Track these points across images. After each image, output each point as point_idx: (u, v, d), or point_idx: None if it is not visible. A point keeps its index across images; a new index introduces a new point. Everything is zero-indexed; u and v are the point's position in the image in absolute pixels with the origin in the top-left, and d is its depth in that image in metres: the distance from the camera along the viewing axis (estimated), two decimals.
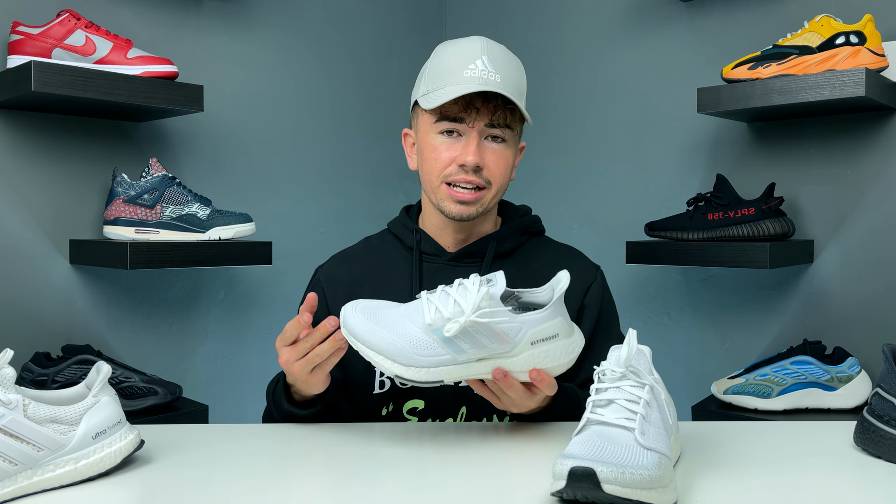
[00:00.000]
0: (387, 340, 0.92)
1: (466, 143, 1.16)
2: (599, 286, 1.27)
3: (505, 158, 1.19)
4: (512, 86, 1.16)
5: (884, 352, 0.95)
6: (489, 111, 1.15)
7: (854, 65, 1.55)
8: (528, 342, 0.94)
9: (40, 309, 1.67)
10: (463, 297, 0.92)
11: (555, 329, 0.96)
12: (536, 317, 0.94)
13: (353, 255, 1.32)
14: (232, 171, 1.98)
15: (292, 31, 2.11)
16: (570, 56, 2.22)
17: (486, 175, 1.18)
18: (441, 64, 1.18)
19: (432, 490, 0.85)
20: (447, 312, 0.91)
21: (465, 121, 1.16)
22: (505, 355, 0.94)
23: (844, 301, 1.75)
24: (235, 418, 1.97)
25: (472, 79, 1.14)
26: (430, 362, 0.92)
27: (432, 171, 1.19)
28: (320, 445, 1.01)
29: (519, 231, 1.28)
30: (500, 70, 1.16)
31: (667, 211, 1.93)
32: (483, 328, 0.91)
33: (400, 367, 0.92)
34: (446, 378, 0.93)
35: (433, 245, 1.26)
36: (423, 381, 0.92)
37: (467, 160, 1.15)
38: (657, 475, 0.75)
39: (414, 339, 0.92)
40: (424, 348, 0.92)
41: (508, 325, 0.93)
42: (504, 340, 0.93)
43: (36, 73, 1.43)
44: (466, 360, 0.93)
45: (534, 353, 0.95)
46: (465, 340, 0.92)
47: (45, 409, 0.83)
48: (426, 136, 1.20)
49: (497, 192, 1.21)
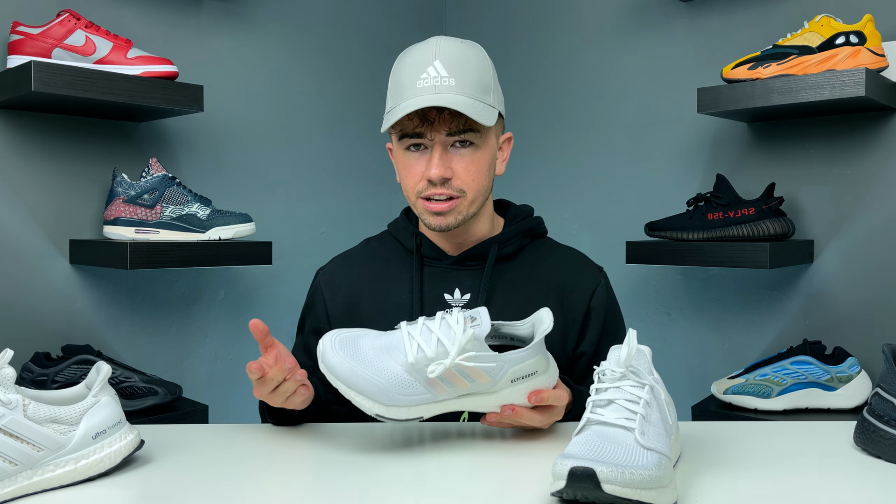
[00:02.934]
0: (367, 380, 0.91)
1: (430, 157, 1.14)
2: (604, 289, 1.27)
3: (476, 163, 1.15)
4: (469, 86, 1.12)
5: (884, 352, 0.95)
6: (445, 121, 1.12)
7: (854, 65, 1.55)
8: (508, 380, 0.94)
9: (40, 309, 1.67)
10: (447, 337, 0.91)
11: (534, 367, 0.96)
12: (518, 356, 0.94)
13: (353, 258, 1.31)
14: (232, 171, 1.98)
15: (292, 31, 2.11)
16: (570, 56, 2.22)
17: (457, 184, 1.15)
18: (397, 76, 1.16)
19: (432, 490, 0.85)
20: (430, 352, 0.90)
21: (425, 135, 1.13)
22: (485, 392, 0.94)
23: (844, 301, 1.75)
24: (235, 418, 1.97)
25: (423, 89, 1.10)
26: (410, 401, 0.91)
27: (407, 188, 1.19)
28: (321, 446, 1.01)
29: (521, 234, 1.26)
30: (455, 72, 1.11)
31: (667, 211, 1.93)
32: (467, 370, 0.91)
33: (381, 408, 0.91)
34: (426, 414, 0.93)
35: (434, 249, 1.24)
36: (403, 418, 0.92)
37: (431, 174, 1.13)
38: (657, 475, 0.75)
39: (395, 378, 0.91)
40: (405, 387, 0.91)
41: (491, 366, 0.93)
42: (485, 379, 0.93)
43: (36, 73, 1.43)
44: (447, 397, 0.93)
45: (513, 390, 0.95)
46: (447, 380, 0.92)
47: (45, 409, 0.83)
48: (397, 153, 1.19)
49: (475, 198, 1.17)
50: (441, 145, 1.13)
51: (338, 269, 1.31)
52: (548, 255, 1.28)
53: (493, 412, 0.97)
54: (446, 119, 1.12)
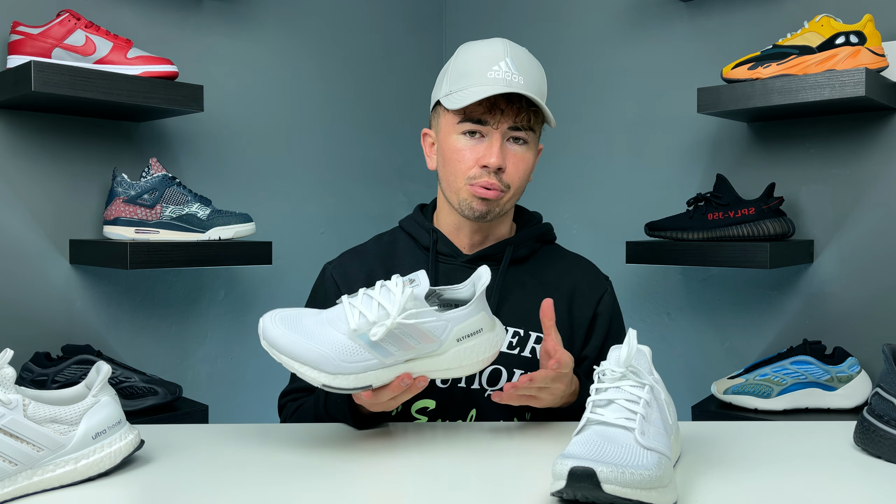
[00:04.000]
0: (310, 349, 0.90)
1: (489, 145, 1.16)
2: (610, 297, 1.29)
3: (525, 161, 1.19)
4: (534, 88, 1.16)
5: (884, 352, 0.95)
6: (513, 113, 1.15)
7: (854, 65, 1.55)
8: (453, 339, 0.94)
9: (40, 309, 1.67)
10: (387, 300, 0.91)
11: (479, 324, 0.96)
12: (460, 314, 0.94)
13: (366, 253, 1.31)
14: (232, 171, 1.98)
15: (292, 31, 2.11)
16: (570, 56, 2.22)
17: (506, 179, 1.17)
18: (464, 64, 1.18)
19: (431, 490, 0.85)
20: (372, 316, 0.90)
21: (489, 122, 1.15)
22: (432, 354, 0.94)
23: (844, 301, 1.75)
24: (235, 418, 1.97)
25: (496, 80, 1.14)
26: (356, 368, 0.91)
27: (456, 173, 1.19)
28: (321, 445, 1.01)
29: (534, 238, 1.29)
30: (524, 72, 1.16)
31: (667, 211, 1.93)
32: (409, 329, 0.91)
33: (326, 377, 0.90)
34: (375, 382, 0.92)
35: (449, 246, 1.25)
36: (351, 387, 0.91)
37: (490, 161, 1.15)
38: (657, 475, 0.75)
39: (338, 345, 0.90)
40: (350, 354, 0.90)
41: (434, 325, 0.92)
42: (430, 339, 0.93)
43: (36, 73, 1.43)
44: (394, 362, 0.93)
45: (459, 350, 0.95)
46: (392, 343, 0.91)
47: (45, 409, 0.83)
48: (448, 138, 1.19)
49: (514, 195, 1.21)
50: (501, 136, 1.16)
51: (351, 263, 1.29)
52: (558, 261, 1.30)
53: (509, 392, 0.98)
54: (514, 111, 1.15)
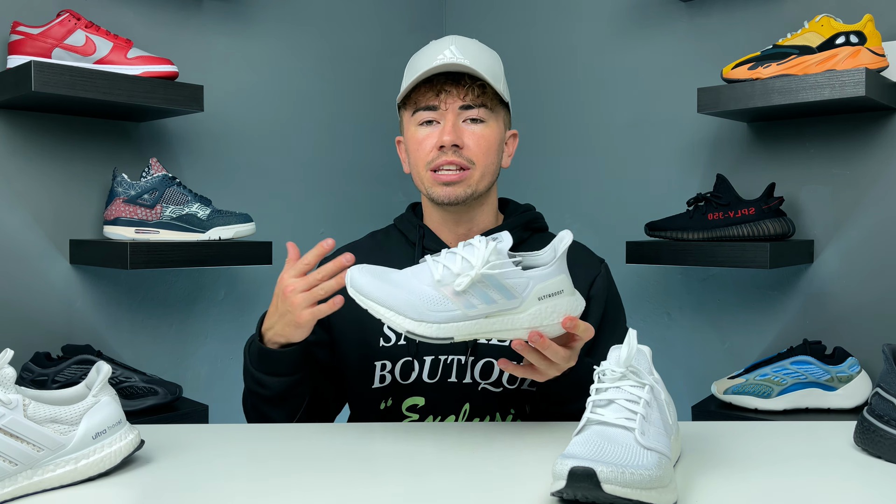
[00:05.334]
0: (396, 296, 0.92)
1: (443, 126, 1.19)
2: (604, 279, 1.28)
3: (486, 138, 1.20)
4: (483, 68, 1.18)
5: (884, 352, 0.95)
6: (460, 91, 1.18)
7: (854, 65, 1.55)
8: (535, 297, 0.94)
9: (40, 309, 1.67)
10: (471, 254, 0.93)
11: (560, 285, 0.96)
12: (542, 272, 0.95)
13: (358, 249, 1.32)
14: (232, 171, 1.98)
15: (292, 31, 2.11)
16: (570, 56, 2.22)
17: (468, 154, 1.19)
18: (413, 64, 1.24)
19: (432, 490, 0.85)
20: (456, 268, 0.92)
21: (439, 106, 1.19)
22: (513, 311, 0.94)
23: (844, 301, 1.75)
24: (235, 418, 1.97)
25: (440, 64, 1.17)
26: (440, 318, 0.91)
27: (418, 162, 1.22)
28: (320, 445, 1.01)
29: (521, 226, 1.28)
30: (469, 56, 1.18)
31: (667, 211, 1.93)
32: (493, 281, 0.92)
33: (411, 322, 0.91)
34: (456, 335, 0.92)
35: (435, 240, 1.26)
36: (434, 336, 0.92)
37: (444, 140, 1.17)
38: (657, 475, 0.75)
39: (424, 294, 0.92)
40: (435, 303, 0.91)
41: (517, 280, 0.93)
42: (513, 295, 0.93)
43: (36, 73, 1.43)
44: (476, 315, 0.93)
45: (541, 308, 0.95)
46: (475, 295, 0.92)
47: (45, 409, 0.83)
48: (409, 131, 1.23)
49: (484, 173, 1.21)
50: (454, 115, 1.19)
51: None
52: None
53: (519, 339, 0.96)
54: (461, 90, 1.18)
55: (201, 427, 1.12)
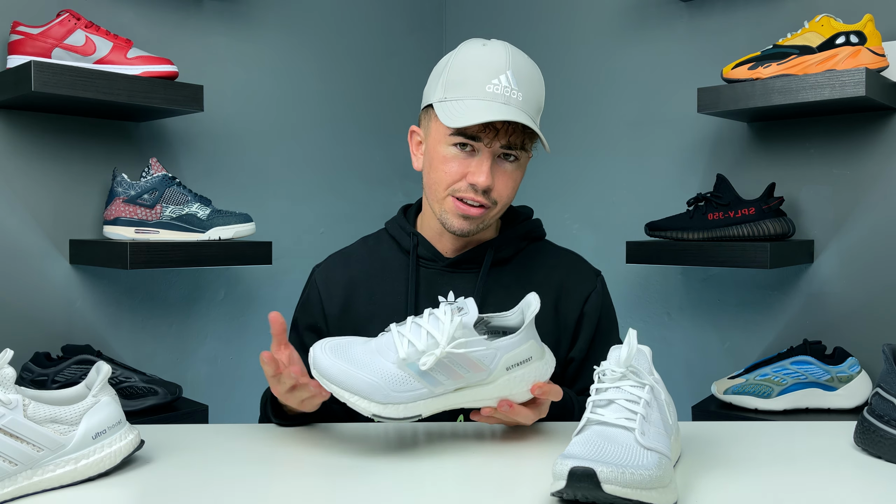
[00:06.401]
0: (360, 379, 0.90)
1: (480, 163, 1.12)
2: (598, 295, 1.25)
3: (514, 179, 1.17)
4: (533, 105, 1.13)
5: (884, 352, 0.95)
6: (507, 133, 1.12)
7: (854, 65, 1.55)
8: (503, 368, 0.94)
9: (40, 309, 1.67)
10: (436, 328, 0.91)
11: (528, 352, 0.96)
12: (510, 342, 0.94)
13: (350, 256, 1.31)
14: (232, 171, 1.98)
15: (292, 31, 2.11)
16: (570, 56, 2.22)
17: (494, 196, 1.15)
18: (462, 71, 1.13)
19: (432, 490, 0.85)
20: (421, 345, 0.90)
21: (482, 140, 1.12)
22: (481, 383, 0.94)
23: (844, 301, 1.75)
24: (235, 418, 1.97)
25: (493, 95, 1.10)
26: (406, 398, 0.91)
27: (440, 182, 1.15)
28: (320, 446, 1.01)
29: (518, 237, 1.26)
30: (524, 87, 1.12)
31: (667, 211, 1.93)
32: (459, 358, 0.91)
33: (377, 406, 0.90)
34: (424, 412, 0.92)
35: (430, 250, 1.24)
36: (401, 416, 0.91)
37: (479, 181, 1.11)
38: (657, 475, 0.75)
39: (388, 375, 0.90)
40: (400, 384, 0.90)
41: (483, 353, 0.92)
42: (480, 368, 0.92)
43: (36, 73, 1.43)
44: (444, 391, 0.93)
45: (509, 378, 0.95)
46: (441, 372, 0.91)
47: (45, 409, 0.83)
48: (437, 145, 1.15)
49: (500, 210, 1.18)
50: (492, 155, 1.13)
51: (335, 266, 1.30)
52: (545, 259, 1.27)
53: (488, 407, 0.96)
54: (508, 132, 1.11)
55: (201, 427, 1.12)
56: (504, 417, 0.98)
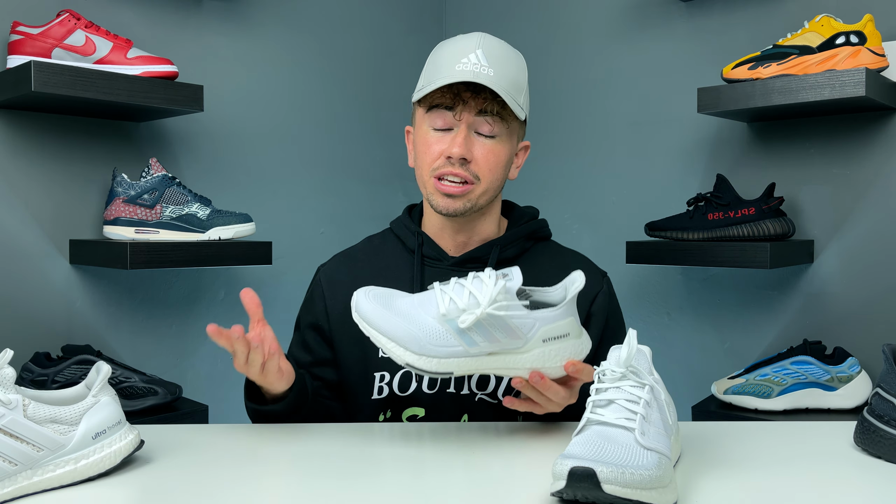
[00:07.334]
0: (400, 327, 0.91)
1: (454, 136, 1.16)
2: (606, 295, 1.26)
3: (496, 154, 1.17)
4: (506, 80, 1.14)
5: (884, 352, 0.95)
6: (478, 103, 1.14)
7: (854, 65, 1.55)
8: (539, 339, 0.94)
9: (40, 309, 1.67)
10: (479, 290, 0.91)
11: (566, 328, 0.95)
12: (550, 314, 0.94)
13: (355, 256, 1.31)
14: (232, 171, 1.98)
15: (292, 31, 2.11)
16: (570, 56, 2.22)
17: (475, 169, 1.16)
18: (436, 60, 1.18)
19: (432, 490, 0.85)
20: (462, 304, 0.91)
21: (454, 108, 1.15)
22: (516, 351, 0.94)
23: (844, 301, 1.75)
24: (235, 418, 1.97)
25: (462, 72, 1.13)
26: (441, 353, 0.91)
27: (423, 165, 1.19)
28: (320, 445, 1.01)
29: (524, 237, 1.26)
30: (495, 64, 1.14)
31: (667, 211, 1.93)
32: (498, 322, 0.91)
33: (412, 356, 0.91)
34: (456, 370, 0.92)
35: (435, 249, 1.24)
36: (433, 370, 0.91)
37: (453, 151, 1.14)
38: (657, 475, 0.75)
39: (427, 328, 0.91)
40: (437, 338, 0.91)
41: (523, 321, 0.92)
42: (517, 336, 0.92)
43: (36, 73, 1.43)
44: (478, 353, 0.92)
45: (544, 351, 0.94)
46: (479, 333, 0.91)
47: (45, 409, 0.83)
48: (420, 129, 1.20)
49: (488, 189, 1.18)
50: (467, 127, 1.15)
51: (339, 266, 1.30)
52: (551, 259, 1.27)
53: (519, 377, 0.96)
54: (479, 101, 1.14)
55: (201, 427, 1.12)
56: (534, 393, 0.97)
